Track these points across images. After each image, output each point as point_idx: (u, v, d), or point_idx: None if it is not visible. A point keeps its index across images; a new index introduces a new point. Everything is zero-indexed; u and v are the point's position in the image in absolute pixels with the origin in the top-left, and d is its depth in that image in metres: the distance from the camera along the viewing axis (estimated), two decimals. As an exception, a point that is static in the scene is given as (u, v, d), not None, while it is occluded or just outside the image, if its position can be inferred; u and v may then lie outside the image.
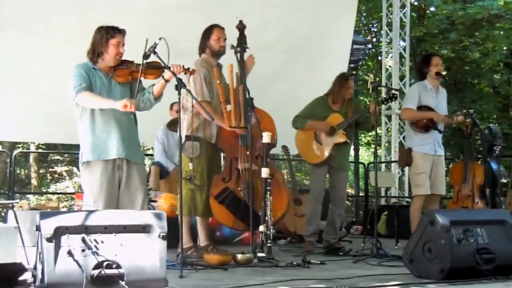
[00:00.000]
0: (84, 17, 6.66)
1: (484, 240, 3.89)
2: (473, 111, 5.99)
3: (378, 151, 6.27)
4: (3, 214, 8.47)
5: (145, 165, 4.80)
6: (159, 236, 3.13)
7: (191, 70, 4.55)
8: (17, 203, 5.92)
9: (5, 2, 6.66)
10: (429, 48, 13.22)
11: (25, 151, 14.61)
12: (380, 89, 8.65)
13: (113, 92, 4.26)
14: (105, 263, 2.96)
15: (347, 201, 15.91)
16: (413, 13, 12.47)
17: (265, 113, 5.25)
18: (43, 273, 2.94)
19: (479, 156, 7.12)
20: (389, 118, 9.66)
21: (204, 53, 5.21)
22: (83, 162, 4.20)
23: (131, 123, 4.34)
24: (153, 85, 4.35)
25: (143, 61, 4.20)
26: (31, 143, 14.05)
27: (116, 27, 4.26)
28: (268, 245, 4.79)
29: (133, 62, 4.30)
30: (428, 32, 13.28)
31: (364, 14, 15.15)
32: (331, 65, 8.42)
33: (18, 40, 6.76)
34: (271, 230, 4.86)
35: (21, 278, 3.42)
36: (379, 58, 13.88)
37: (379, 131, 9.43)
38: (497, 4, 12.10)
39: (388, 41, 9.86)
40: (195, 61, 5.09)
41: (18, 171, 15.43)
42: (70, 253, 2.94)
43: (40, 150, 15.23)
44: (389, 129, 9.75)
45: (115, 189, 4.21)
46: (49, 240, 2.94)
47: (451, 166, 7.89)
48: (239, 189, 5.07)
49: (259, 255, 4.73)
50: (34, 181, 15.80)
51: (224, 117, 5.03)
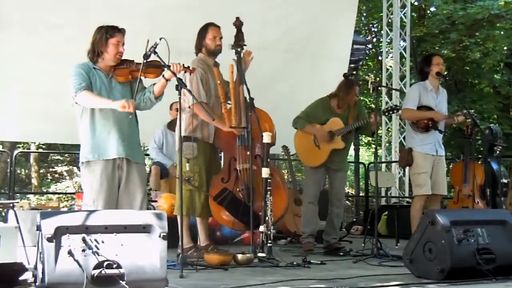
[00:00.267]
0: (84, 17, 6.67)
1: (484, 240, 3.89)
2: (473, 111, 5.99)
3: (378, 151, 6.27)
4: (3, 214, 8.47)
5: (146, 165, 4.80)
6: (160, 236, 3.13)
7: (191, 68, 4.56)
8: (17, 203, 5.92)
9: (5, 2, 6.66)
10: (429, 48, 13.22)
11: (25, 151, 14.61)
12: (380, 89, 8.70)
13: (113, 91, 4.26)
14: (105, 263, 2.97)
15: (347, 201, 16.05)
16: (413, 13, 12.47)
17: (263, 112, 5.25)
18: (43, 273, 2.94)
19: (480, 156, 7.12)
20: (390, 118, 9.66)
21: (200, 53, 5.18)
22: (83, 161, 4.21)
23: (131, 123, 4.34)
24: (154, 84, 4.35)
25: (144, 60, 4.21)
26: (32, 143, 14.05)
27: (115, 26, 4.27)
28: (268, 245, 4.79)
29: (133, 61, 4.30)
30: (428, 32, 13.28)
31: (364, 14, 15.14)
32: (331, 65, 8.43)
33: (18, 40, 6.76)
34: (272, 230, 4.86)
35: (21, 277, 3.43)
36: (380, 58, 13.87)
37: (379, 131, 9.44)
38: (497, 4, 12.09)
39: (388, 41, 9.86)
40: (192, 61, 5.05)
41: (18, 171, 15.43)
42: (70, 253, 2.94)
43: (40, 150, 15.24)
44: (389, 129, 9.75)
45: (114, 188, 4.21)
46: (49, 240, 2.94)
47: (451, 166, 7.89)
48: (238, 189, 5.07)
49: (260, 255, 4.73)
50: (34, 181, 15.80)
51: (223, 118, 5.03)
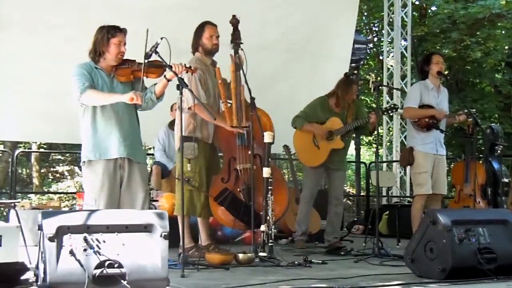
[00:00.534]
0: (84, 17, 6.67)
1: (485, 239, 3.89)
2: (474, 111, 5.98)
3: (379, 151, 6.26)
4: (5, 213, 8.48)
5: (147, 164, 4.80)
6: (161, 235, 3.13)
7: (192, 68, 4.56)
8: (19, 202, 5.93)
9: (5, 2, 6.66)
10: (430, 47, 13.21)
11: (26, 150, 14.61)
12: (381, 89, 8.71)
13: (115, 91, 4.26)
14: (107, 263, 2.96)
15: (348, 201, 16.05)
16: (414, 13, 12.48)
17: (262, 112, 5.25)
18: (45, 272, 2.95)
19: (481, 155, 7.12)
20: (391, 117, 9.66)
21: (197, 52, 5.17)
22: (84, 161, 4.21)
23: (133, 122, 4.35)
24: (155, 84, 4.36)
25: (145, 60, 4.21)
26: (33, 142, 14.06)
27: (117, 26, 4.27)
28: (269, 244, 4.80)
29: (134, 61, 4.30)
30: (429, 31, 13.28)
31: (365, 13, 15.14)
32: (332, 65, 8.43)
33: (18, 40, 6.76)
34: (273, 229, 4.86)
35: (23, 277, 3.43)
36: (381, 57, 13.87)
37: (380, 131, 9.44)
38: (498, 3, 12.08)
39: (389, 40, 9.86)
40: (189, 61, 5.00)
41: (19, 171, 15.43)
42: (72, 253, 2.94)
43: (41, 149, 15.24)
44: (390, 129, 9.75)
45: (116, 188, 4.21)
46: (51, 239, 2.94)
47: (452, 165, 7.88)
48: (238, 189, 5.06)
49: (261, 254, 4.73)
50: (35, 181, 15.81)
51: (224, 117, 5.03)
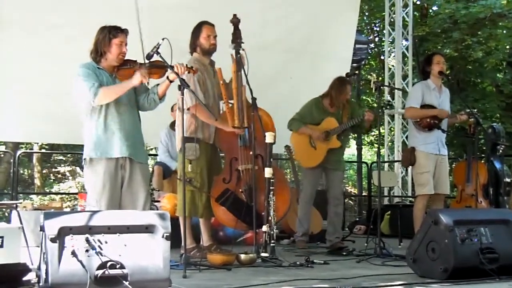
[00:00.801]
0: (84, 16, 6.68)
1: (487, 239, 3.88)
2: (476, 110, 5.98)
3: (381, 151, 6.27)
4: (6, 214, 8.49)
5: (149, 165, 4.80)
6: (163, 236, 3.13)
7: (194, 69, 4.56)
8: (20, 203, 5.93)
9: (5, 2, 6.66)
10: (432, 47, 13.21)
11: (28, 151, 14.63)
12: (383, 89, 8.70)
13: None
14: (108, 264, 2.97)
15: (350, 201, 16.05)
16: (415, 12, 12.47)
17: (264, 112, 5.25)
18: (47, 273, 2.95)
19: (483, 155, 7.11)
20: (392, 117, 9.65)
21: (195, 52, 5.15)
22: (86, 159, 4.21)
23: (135, 123, 4.36)
24: (157, 85, 4.36)
25: (147, 61, 4.21)
26: (35, 143, 14.07)
27: (118, 27, 4.28)
28: (271, 245, 4.80)
29: (136, 61, 4.31)
30: (430, 31, 13.27)
31: (366, 13, 15.13)
32: (333, 65, 8.42)
33: (18, 40, 6.77)
34: (275, 230, 4.86)
35: (25, 278, 3.43)
36: (382, 57, 13.86)
37: (382, 131, 9.44)
38: (499, 3, 12.07)
39: (390, 40, 9.85)
40: (188, 61, 4.93)
41: (21, 171, 15.46)
42: (74, 254, 2.95)
43: (43, 150, 15.26)
44: (392, 129, 9.74)
45: (117, 188, 4.21)
46: (53, 240, 2.94)
47: (454, 165, 7.88)
48: (240, 190, 5.06)
49: (263, 255, 4.72)
50: (37, 181, 15.83)
51: (224, 118, 5.02)
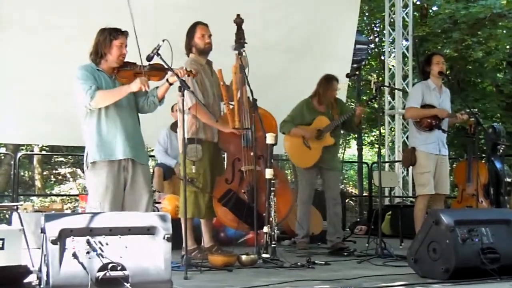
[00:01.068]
0: (84, 17, 6.68)
1: (488, 239, 3.88)
2: (476, 110, 5.97)
3: (381, 151, 6.28)
4: (7, 216, 8.49)
5: (149, 166, 4.80)
6: (164, 237, 3.13)
7: (194, 72, 4.56)
8: (21, 205, 5.92)
9: (5, 2, 6.66)
10: (432, 47, 13.21)
11: (29, 153, 14.64)
12: (383, 89, 8.70)
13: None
14: (110, 265, 2.96)
15: (351, 201, 16.04)
16: (415, 13, 12.47)
17: (266, 112, 5.25)
18: (48, 275, 2.95)
19: (483, 155, 7.11)
20: (392, 117, 9.65)
21: (191, 53, 5.15)
22: (89, 162, 4.21)
23: (136, 124, 4.36)
24: (157, 87, 4.36)
25: (146, 61, 4.21)
26: (35, 145, 14.08)
27: (119, 29, 4.28)
28: (272, 246, 4.79)
29: (135, 63, 4.31)
30: (430, 31, 13.28)
31: (366, 13, 15.14)
32: (333, 65, 8.41)
33: (18, 40, 6.77)
34: (276, 231, 4.86)
35: (26, 280, 3.42)
36: (382, 57, 13.86)
37: (382, 131, 9.44)
38: (499, 3, 12.07)
39: (390, 40, 9.85)
40: (185, 62, 4.94)
41: (22, 173, 15.46)
42: (75, 255, 2.94)
43: (43, 152, 15.27)
44: (392, 129, 9.74)
45: (120, 190, 4.21)
46: (54, 242, 2.94)
47: (455, 165, 7.88)
48: (243, 191, 5.06)
49: (264, 256, 4.72)
50: (38, 183, 15.83)
51: (225, 119, 5.02)
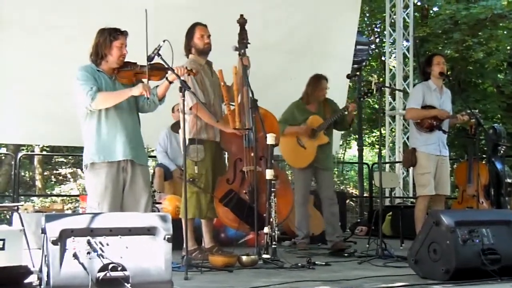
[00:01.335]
0: (84, 17, 6.68)
1: (489, 240, 3.87)
2: (477, 111, 5.97)
3: (382, 152, 6.28)
4: (8, 216, 8.49)
5: (149, 166, 4.80)
6: (164, 238, 3.13)
7: (194, 71, 4.56)
8: (22, 205, 5.92)
9: (5, 2, 6.66)
10: (432, 48, 13.22)
11: (29, 153, 14.64)
12: (384, 90, 8.70)
13: (117, 93, 4.27)
14: (110, 266, 2.96)
15: (351, 202, 16.02)
16: (416, 13, 12.47)
17: (267, 112, 5.26)
18: (48, 275, 2.95)
19: (484, 156, 7.11)
20: (393, 118, 9.65)
21: (190, 54, 5.16)
22: (88, 163, 4.21)
23: (135, 125, 4.36)
24: (157, 87, 4.36)
25: (148, 63, 4.21)
26: (36, 145, 14.09)
27: (118, 29, 4.28)
28: (273, 246, 4.79)
29: (136, 63, 4.31)
30: (431, 32, 13.28)
31: (367, 14, 15.15)
32: (334, 65, 8.42)
33: (18, 40, 6.76)
34: (276, 231, 4.86)
35: (26, 280, 3.42)
36: (383, 58, 13.88)
37: (383, 132, 9.43)
38: (500, 3, 12.08)
39: (391, 41, 9.85)
40: (184, 63, 4.89)
41: (22, 174, 15.47)
42: (75, 256, 2.94)
43: (44, 152, 15.27)
44: (393, 130, 9.74)
45: (119, 191, 4.21)
46: (54, 242, 2.94)
47: (455, 166, 7.88)
48: (244, 191, 5.06)
49: (264, 256, 4.72)
50: (38, 183, 15.83)
51: (226, 119, 5.03)
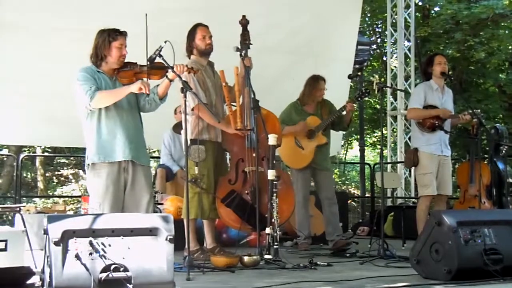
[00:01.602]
0: (86, 19, 6.67)
1: (491, 240, 3.87)
2: (479, 111, 5.97)
3: (383, 152, 6.28)
4: (10, 217, 8.50)
5: (151, 167, 4.81)
6: (166, 239, 3.13)
7: (194, 69, 4.57)
8: (24, 206, 5.94)
9: (8, 4, 6.67)
10: (434, 48, 13.22)
11: (31, 154, 14.64)
12: (385, 90, 8.70)
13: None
14: (112, 267, 2.97)
15: (353, 202, 16.01)
16: (417, 13, 12.46)
17: (269, 113, 5.26)
18: (51, 276, 2.95)
19: (486, 156, 7.10)
20: (395, 118, 9.64)
21: (192, 55, 5.17)
22: (89, 163, 4.21)
23: (137, 125, 4.36)
24: (157, 85, 4.37)
25: (148, 62, 4.22)
26: (37, 146, 14.11)
27: (117, 29, 4.28)
28: (274, 247, 4.79)
29: (136, 63, 4.31)
30: (433, 32, 13.28)
31: (368, 14, 15.14)
32: (336, 66, 8.43)
33: (22, 42, 6.77)
34: (278, 232, 4.86)
35: (29, 281, 3.43)
36: (384, 58, 13.87)
37: (384, 132, 9.42)
38: (502, 3, 12.07)
39: (393, 41, 9.85)
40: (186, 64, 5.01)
41: (24, 175, 15.46)
42: (77, 257, 2.94)
43: (46, 153, 15.28)
44: (394, 130, 9.73)
45: (120, 192, 4.21)
46: (56, 243, 2.94)
47: (457, 166, 7.87)
48: (246, 192, 5.06)
49: (266, 257, 4.72)
50: (40, 184, 15.84)
51: (227, 119, 5.03)
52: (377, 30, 16.11)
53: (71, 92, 4.27)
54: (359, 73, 10.91)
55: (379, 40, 15.97)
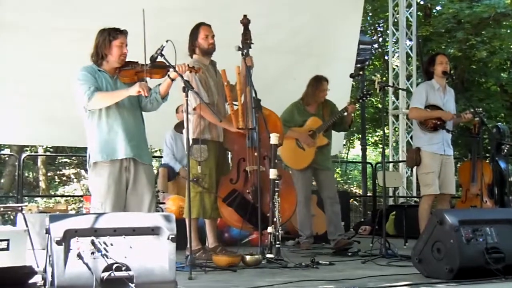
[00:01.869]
0: (85, 17, 6.68)
1: (493, 239, 3.87)
2: (481, 110, 5.96)
3: (385, 151, 6.28)
4: (12, 217, 8.51)
5: (153, 166, 4.81)
6: (168, 238, 3.13)
7: (196, 68, 4.57)
8: (26, 206, 5.94)
9: (9, 4, 6.68)
10: (435, 47, 13.20)
11: (33, 154, 14.66)
12: (387, 89, 8.70)
13: (119, 92, 4.27)
14: (114, 266, 2.97)
15: (355, 201, 16.00)
16: (419, 12, 12.45)
17: (271, 112, 5.26)
18: (53, 276, 2.95)
19: (487, 155, 7.10)
20: (396, 117, 9.64)
21: (194, 54, 5.17)
22: (91, 162, 4.22)
23: (138, 124, 4.36)
24: (159, 85, 4.37)
25: (149, 61, 4.22)
26: (39, 146, 14.12)
27: (117, 28, 4.29)
28: (276, 246, 4.79)
29: (137, 62, 4.32)
30: (434, 31, 13.25)
31: (370, 14, 15.13)
32: (337, 65, 8.43)
33: (22, 42, 6.78)
34: (280, 231, 4.86)
35: (31, 281, 3.43)
36: (386, 58, 13.86)
37: (386, 131, 9.42)
38: (503, 2, 12.05)
39: (394, 40, 9.85)
40: (188, 63, 4.94)
41: (26, 174, 15.49)
42: (79, 256, 2.95)
43: (48, 153, 15.29)
44: (396, 129, 9.73)
45: (122, 191, 4.22)
46: (58, 243, 2.94)
47: (459, 165, 7.87)
48: (247, 191, 5.06)
49: (268, 256, 4.73)
50: (42, 184, 15.85)
51: (229, 119, 5.04)
52: (378, 29, 16.09)
53: (71, 92, 4.28)
54: (361, 73, 10.92)
55: (380, 39, 15.95)
